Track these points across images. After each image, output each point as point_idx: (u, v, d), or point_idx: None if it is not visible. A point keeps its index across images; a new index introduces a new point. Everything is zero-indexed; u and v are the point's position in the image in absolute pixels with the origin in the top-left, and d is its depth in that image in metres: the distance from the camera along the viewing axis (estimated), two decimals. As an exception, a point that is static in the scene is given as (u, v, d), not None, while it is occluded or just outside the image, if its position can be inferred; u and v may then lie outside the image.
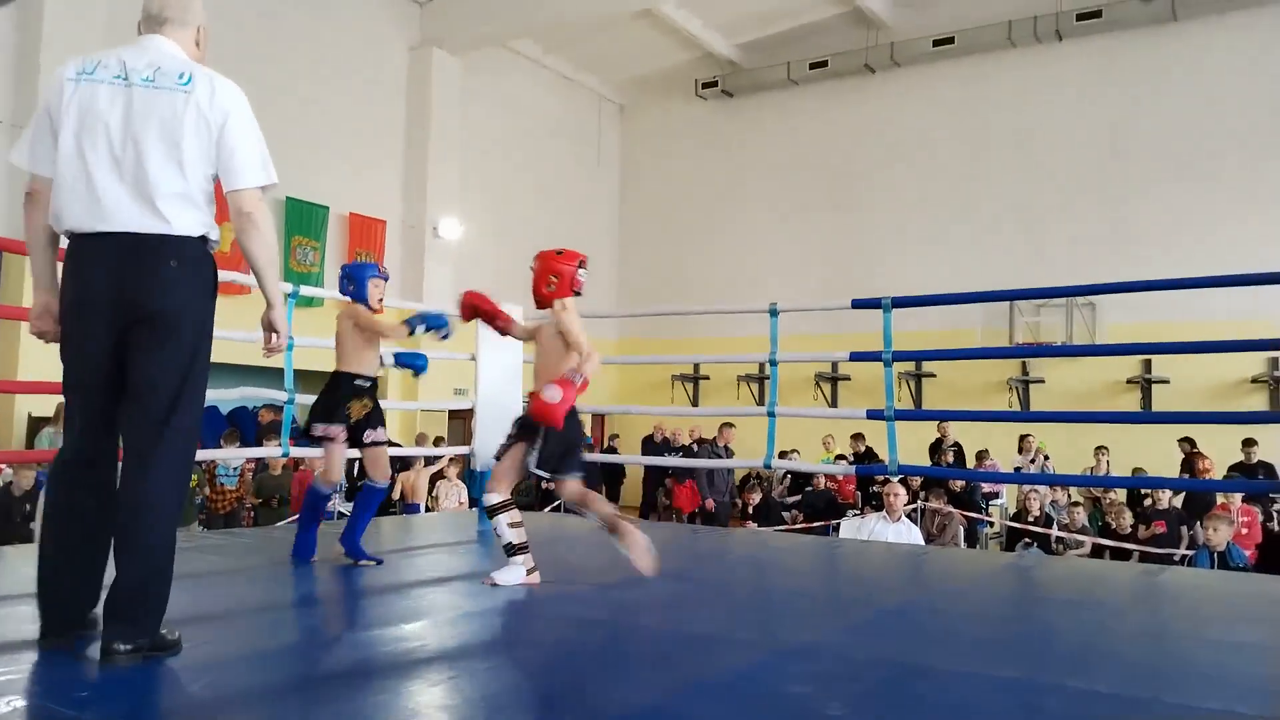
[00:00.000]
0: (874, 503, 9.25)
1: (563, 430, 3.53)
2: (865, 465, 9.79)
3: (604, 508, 3.69)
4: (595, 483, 12.40)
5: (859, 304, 5.40)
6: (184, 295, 2.42)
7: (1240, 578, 5.32)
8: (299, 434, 4.77)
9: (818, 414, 10.31)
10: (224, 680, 2.31)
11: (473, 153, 14.42)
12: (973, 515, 9.51)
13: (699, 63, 16.61)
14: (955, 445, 11.30)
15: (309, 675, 2.43)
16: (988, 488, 10.60)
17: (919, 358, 10.45)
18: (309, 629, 3.06)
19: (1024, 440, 11.38)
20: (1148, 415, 11.84)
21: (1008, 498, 11.24)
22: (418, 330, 4.18)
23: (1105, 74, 13.68)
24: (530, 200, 15.50)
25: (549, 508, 10.72)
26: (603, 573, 3.94)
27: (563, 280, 3.67)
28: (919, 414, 12.48)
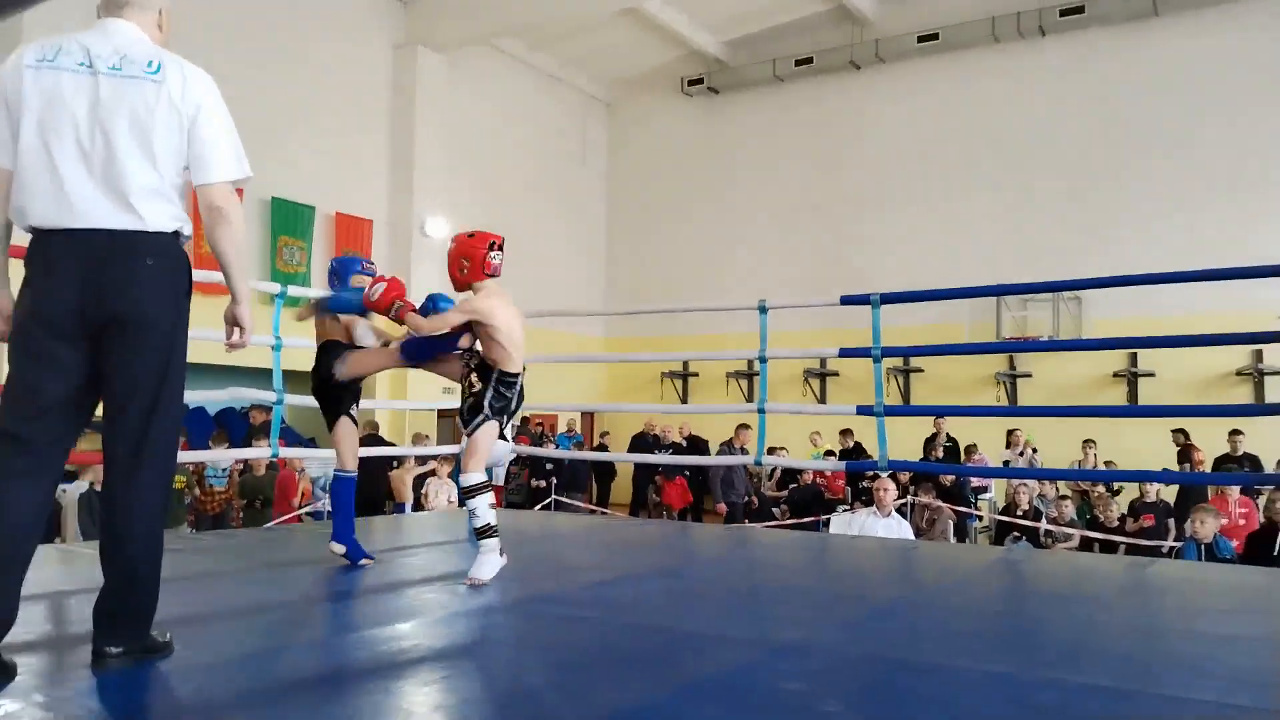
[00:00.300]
0: (863, 498, 9.26)
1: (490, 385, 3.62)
2: (856, 461, 9.82)
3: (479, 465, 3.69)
4: (587, 480, 12.45)
5: (848, 300, 5.41)
6: (161, 294, 2.34)
7: (1228, 569, 5.36)
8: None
9: (809, 410, 10.30)
10: (216, 682, 2.30)
11: (459, 151, 14.37)
12: (962, 509, 9.55)
13: (685, 60, 16.63)
14: (949, 440, 11.35)
15: (301, 676, 2.42)
16: (977, 482, 10.65)
17: (908, 353, 10.48)
18: (301, 630, 3.04)
19: (1012, 434, 11.45)
20: (1134, 409, 11.93)
21: (996, 492, 11.30)
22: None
23: (1088, 69, 13.76)
24: (517, 198, 15.45)
25: (539, 506, 10.73)
26: (594, 571, 3.94)
27: (474, 263, 3.67)
28: (908, 409, 12.54)
